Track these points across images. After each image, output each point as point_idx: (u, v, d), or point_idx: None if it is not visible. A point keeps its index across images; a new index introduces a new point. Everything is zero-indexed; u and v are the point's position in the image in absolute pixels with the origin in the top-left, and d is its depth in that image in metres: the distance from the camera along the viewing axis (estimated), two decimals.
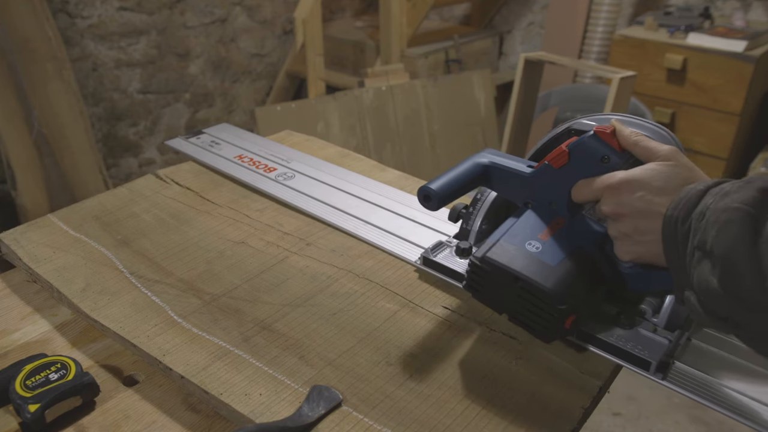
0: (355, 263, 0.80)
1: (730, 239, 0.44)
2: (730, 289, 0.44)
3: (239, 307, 0.72)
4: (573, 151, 0.63)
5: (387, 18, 2.74)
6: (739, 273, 0.43)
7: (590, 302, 0.63)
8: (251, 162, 1.04)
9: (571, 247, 0.63)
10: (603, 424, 1.80)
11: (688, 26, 2.54)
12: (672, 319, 0.64)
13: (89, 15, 2.47)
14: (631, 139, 0.59)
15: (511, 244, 0.63)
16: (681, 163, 0.56)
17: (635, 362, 0.62)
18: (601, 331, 0.64)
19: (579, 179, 0.63)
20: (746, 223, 0.43)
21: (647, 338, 0.63)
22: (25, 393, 0.59)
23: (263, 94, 3.18)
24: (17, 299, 0.76)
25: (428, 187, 0.66)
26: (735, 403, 0.57)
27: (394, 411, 0.59)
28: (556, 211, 0.66)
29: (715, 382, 0.59)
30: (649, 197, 0.55)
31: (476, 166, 0.70)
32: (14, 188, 2.16)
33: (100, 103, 2.61)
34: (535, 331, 0.62)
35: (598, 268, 0.63)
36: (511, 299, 0.62)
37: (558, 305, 0.59)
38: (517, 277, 0.61)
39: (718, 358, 0.63)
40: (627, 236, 0.58)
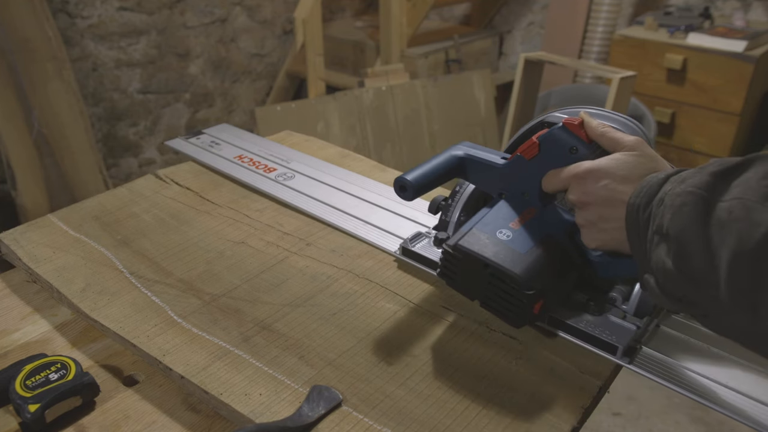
0: (355, 263, 0.80)
1: (683, 221, 0.46)
2: (682, 269, 0.46)
3: (239, 307, 0.72)
4: (543, 143, 0.65)
5: (387, 18, 2.74)
6: (690, 252, 0.45)
7: (559, 289, 0.65)
8: (251, 162, 1.04)
9: (541, 235, 0.65)
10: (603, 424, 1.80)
11: (688, 26, 2.54)
12: (641, 306, 0.66)
13: (89, 15, 2.47)
14: (598, 131, 0.61)
15: (483, 233, 0.65)
16: (645, 153, 0.58)
17: (603, 347, 0.64)
18: (570, 318, 0.66)
19: (549, 170, 0.64)
20: (698, 206, 0.45)
21: (616, 324, 0.65)
22: (25, 393, 0.59)
23: (263, 94, 3.18)
24: (17, 299, 0.76)
25: (404, 177, 0.68)
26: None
27: (394, 411, 0.59)
28: (528, 201, 0.68)
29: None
30: (613, 186, 0.56)
31: (452, 158, 0.72)
32: (14, 188, 2.16)
33: (100, 103, 2.61)
34: (506, 316, 0.64)
35: (567, 255, 0.65)
36: (482, 286, 0.64)
37: (526, 290, 0.61)
38: (487, 264, 0.62)
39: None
40: (592, 224, 0.59)
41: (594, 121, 0.62)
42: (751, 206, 0.42)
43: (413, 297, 0.74)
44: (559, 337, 0.67)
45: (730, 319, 0.45)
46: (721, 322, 0.47)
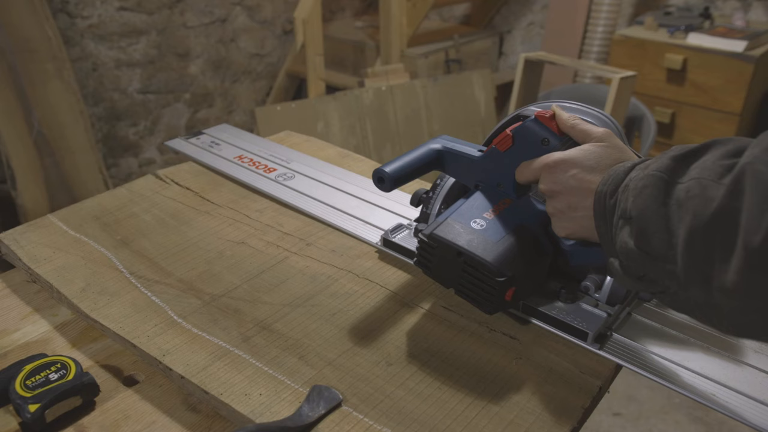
0: (355, 263, 0.80)
1: (644, 202, 0.48)
2: (643, 248, 0.48)
3: (239, 307, 0.72)
4: (516, 135, 0.66)
5: (387, 18, 2.74)
6: (650, 232, 0.47)
7: (531, 276, 0.67)
8: (251, 162, 1.04)
9: (514, 225, 0.66)
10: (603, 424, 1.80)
11: (688, 26, 2.54)
12: (613, 294, 0.68)
13: (89, 15, 2.47)
14: (569, 123, 0.63)
15: (458, 222, 0.67)
16: (613, 144, 0.60)
17: (574, 333, 0.66)
18: (543, 305, 0.69)
19: (522, 161, 0.66)
20: (659, 187, 0.47)
21: (587, 312, 0.67)
22: (25, 393, 0.59)
23: (263, 94, 3.18)
24: (17, 299, 0.76)
25: (382, 169, 0.70)
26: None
27: (394, 411, 0.59)
28: (503, 193, 0.70)
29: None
30: (581, 175, 0.58)
31: (430, 151, 0.74)
32: (14, 188, 2.16)
33: (100, 103, 2.61)
34: (479, 303, 0.65)
35: (539, 244, 0.67)
36: (456, 274, 0.65)
37: (497, 278, 0.62)
38: (461, 252, 0.64)
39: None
40: (562, 212, 0.61)
41: (565, 114, 0.64)
42: (706, 184, 0.43)
43: (413, 297, 0.74)
44: (559, 337, 0.67)
45: (686, 293, 0.47)
46: (678, 297, 0.49)
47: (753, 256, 0.40)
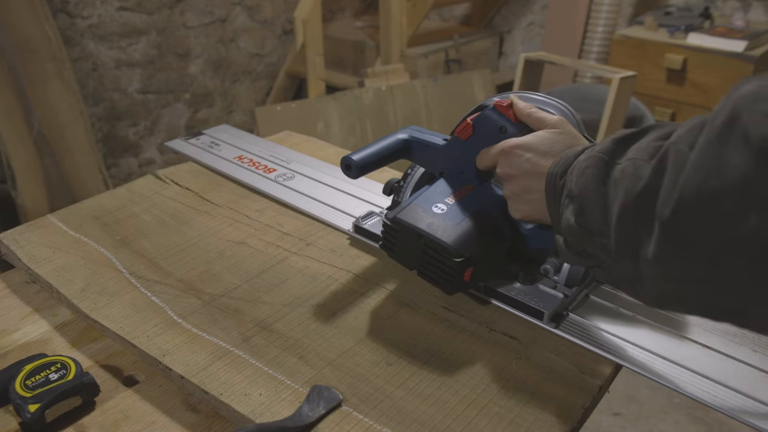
0: (355, 263, 0.80)
1: (585, 181, 0.51)
2: (582, 224, 0.51)
3: (239, 307, 0.72)
4: (476, 124, 0.70)
5: (387, 18, 2.74)
6: (589, 209, 0.50)
7: (489, 258, 0.69)
8: (251, 163, 1.04)
9: (474, 209, 0.69)
10: (603, 424, 1.80)
11: (688, 26, 2.54)
12: (571, 277, 0.70)
13: (89, 15, 2.47)
14: (525, 111, 0.66)
15: (420, 207, 0.70)
16: (566, 131, 0.62)
17: (531, 312, 0.69)
18: (502, 286, 0.71)
19: (482, 148, 0.69)
20: (599, 168, 0.49)
21: (545, 293, 0.70)
22: (25, 393, 0.59)
23: (263, 94, 3.18)
24: (17, 299, 0.76)
25: (350, 157, 0.73)
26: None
27: (394, 411, 0.59)
28: (466, 179, 0.73)
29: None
30: (535, 159, 0.61)
31: (396, 140, 0.77)
32: (14, 188, 2.16)
33: (100, 103, 2.61)
34: (439, 284, 0.68)
35: (498, 227, 0.70)
36: (418, 255, 0.68)
37: (455, 258, 0.65)
38: (421, 235, 0.67)
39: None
40: (517, 195, 0.64)
41: (521, 103, 0.67)
42: (639, 164, 0.46)
43: (413, 297, 0.74)
44: (559, 337, 0.67)
45: (617, 266, 0.49)
46: (611, 270, 0.51)
47: (665, 228, 0.42)
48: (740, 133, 0.36)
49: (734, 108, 0.37)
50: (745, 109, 0.36)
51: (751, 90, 0.37)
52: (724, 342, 0.66)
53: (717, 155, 0.38)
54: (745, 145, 0.36)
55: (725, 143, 0.37)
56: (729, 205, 0.37)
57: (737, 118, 0.37)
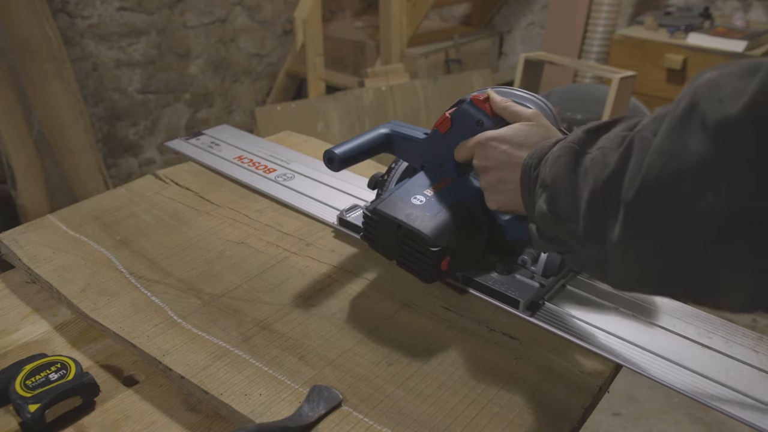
0: (355, 263, 0.80)
1: (557, 169, 0.52)
2: (553, 211, 0.53)
3: (239, 307, 0.72)
4: (454, 117, 0.71)
5: (387, 18, 2.74)
6: (560, 196, 0.51)
7: (467, 248, 0.71)
8: (251, 163, 1.04)
9: (451, 201, 0.71)
10: (603, 424, 1.80)
11: (688, 26, 2.54)
12: (548, 267, 0.72)
13: (89, 15, 2.47)
14: (501, 105, 0.68)
15: (399, 199, 0.72)
16: (541, 124, 0.64)
17: (507, 301, 0.71)
18: (480, 276, 0.73)
19: (460, 141, 0.71)
20: (570, 156, 0.51)
21: (522, 282, 0.72)
22: (25, 393, 0.59)
23: (263, 94, 3.18)
24: (17, 299, 0.76)
25: (332, 150, 0.76)
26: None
27: (394, 411, 0.59)
28: (445, 172, 0.74)
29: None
30: (510, 151, 0.63)
31: (378, 134, 0.79)
32: (14, 188, 2.16)
33: (100, 103, 2.61)
34: (418, 273, 0.70)
35: (475, 219, 0.71)
36: (397, 245, 0.70)
37: (432, 248, 0.66)
38: (400, 225, 0.69)
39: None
40: (493, 186, 0.65)
41: (498, 97, 0.69)
42: (607, 152, 0.47)
43: (413, 297, 0.74)
44: (559, 337, 0.67)
45: (586, 251, 0.51)
46: (580, 255, 0.53)
47: (629, 210, 0.44)
48: (698, 119, 0.38)
49: (693, 96, 0.39)
50: (703, 96, 0.38)
51: (709, 78, 0.39)
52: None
53: (678, 140, 0.39)
54: (703, 130, 0.37)
55: (685, 128, 0.39)
56: (688, 185, 0.39)
57: (696, 105, 0.38)
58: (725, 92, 0.37)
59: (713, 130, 0.37)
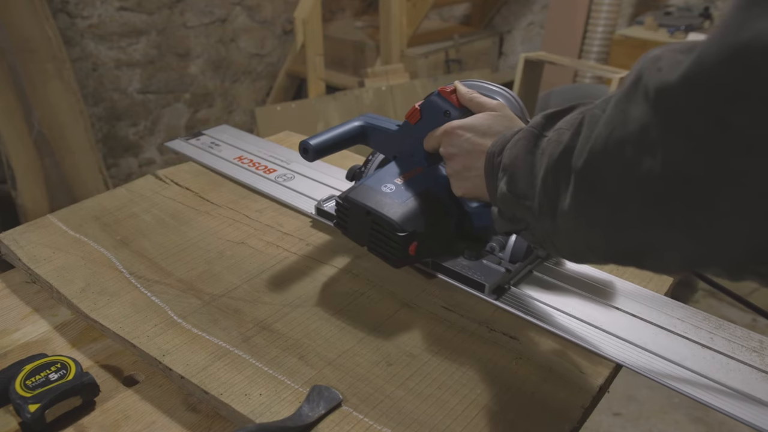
0: (355, 263, 0.80)
1: (516, 151, 0.55)
2: (512, 190, 0.55)
3: (239, 307, 0.72)
4: (423, 109, 0.74)
5: (387, 18, 2.74)
6: (518, 176, 0.54)
7: (435, 234, 0.73)
8: (251, 163, 1.04)
9: (420, 189, 0.73)
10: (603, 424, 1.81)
11: (688, 26, 2.54)
12: (515, 253, 0.75)
13: (89, 15, 2.47)
14: (467, 96, 0.71)
15: (370, 187, 0.74)
16: (505, 114, 0.67)
17: (473, 285, 0.74)
18: (448, 261, 0.76)
19: (429, 132, 0.73)
20: (529, 139, 0.54)
21: (489, 267, 0.75)
22: (25, 393, 0.59)
23: (263, 94, 3.18)
24: (17, 299, 0.76)
25: (307, 141, 0.79)
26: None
27: (394, 411, 0.59)
28: (416, 162, 0.77)
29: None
30: (474, 139, 0.65)
31: (353, 126, 0.82)
32: (14, 188, 2.16)
33: (100, 103, 2.61)
34: (387, 258, 0.72)
35: (443, 205, 0.74)
36: (367, 231, 0.73)
37: (399, 233, 0.69)
38: (369, 212, 0.71)
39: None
40: (458, 173, 0.68)
41: (464, 89, 0.72)
42: (562, 132, 0.50)
43: (413, 297, 0.74)
44: (559, 338, 0.67)
45: (540, 225, 0.53)
46: (535, 231, 0.55)
47: (578, 178, 0.46)
48: (642, 89, 0.40)
49: (639, 70, 0.41)
50: (647, 68, 0.40)
51: (653, 54, 0.42)
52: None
53: (623, 110, 0.42)
54: (645, 99, 0.40)
55: (630, 99, 0.41)
56: (629, 151, 0.41)
57: (640, 78, 0.41)
58: (664, 63, 0.39)
59: (653, 97, 0.39)
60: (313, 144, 0.78)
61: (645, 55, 0.43)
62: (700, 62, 0.36)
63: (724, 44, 0.34)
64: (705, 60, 0.35)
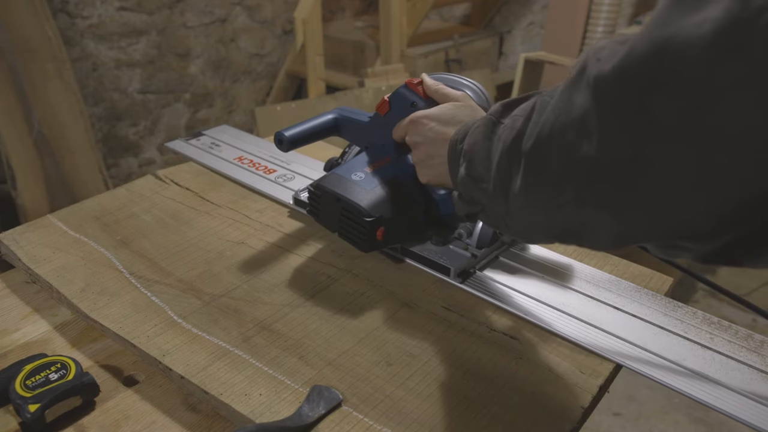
0: (355, 263, 0.80)
1: (475, 137, 0.58)
2: (470, 173, 0.58)
3: (239, 307, 0.72)
4: (392, 100, 0.77)
5: (387, 18, 2.74)
6: (476, 160, 0.57)
7: (402, 220, 0.76)
8: (251, 164, 1.04)
9: (389, 177, 0.77)
10: (603, 424, 1.81)
11: None
12: (481, 239, 0.77)
13: (89, 15, 2.47)
14: (433, 88, 0.74)
15: (340, 175, 0.77)
16: (468, 104, 0.70)
17: (440, 269, 0.76)
18: (416, 247, 0.79)
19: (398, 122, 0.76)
20: (487, 126, 0.56)
21: (455, 253, 0.78)
22: (25, 393, 0.59)
23: (263, 94, 3.18)
24: (17, 299, 0.76)
25: (282, 132, 0.82)
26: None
27: (394, 411, 0.59)
28: (386, 152, 0.80)
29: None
30: (438, 128, 0.68)
31: (326, 118, 0.85)
32: (14, 188, 2.16)
33: (100, 103, 2.61)
34: (356, 243, 0.76)
35: (410, 193, 0.77)
36: (337, 218, 0.76)
37: (366, 218, 0.72)
38: (338, 198, 0.75)
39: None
40: (423, 161, 0.70)
41: (430, 81, 0.75)
42: (516, 119, 0.52)
43: (413, 297, 0.74)
44: (559, 339, 0.67)
45: (495, 207, 0.56)
46: (490, 212, 0.58)
47: (527, 159, 0.49)
48: (585, 78, 0.42)
49: (584, 60, 0.43)
50: (590, 58, 0.43)
51: (599, 44, 0.44)
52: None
53: (568, 98, 0.44)
54: (587, 87, 0.42)
55: (575, 88, 0.44)
56: (571, 136, 0.44)
57: (585, 67, 0.43)
58: (604, 53, 0.41)
59: (592, 85, 0.41)
60: (288, 135, 0.81)
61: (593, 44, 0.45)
62: (630, 54, 0.38)
63: (650, 38, 0.37)
64: (634, 52, 0.38)
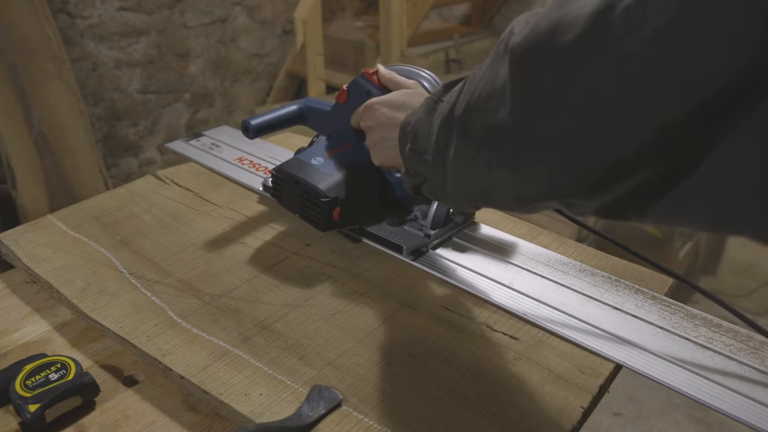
0: (355, 263, 0.80)
1: (418, 116, 0.61)
2: (414, 148, 0.61)
3: (239, 307, 0.72)
4: (349, 89, 0.82)
5: (387, 18, 2.74)
6: (419, 135, 0.61)
7: (358, 201, 0.81)
8: (251, 164, 1.04)
9: (347, 162, 0.81)
10: (603, 424, 1.81)
11: None
12: (435, 221, 0.82)
13: (89, 15, 2.47)
14: (387, 77, 0.79)
15: (300, 160, 0.82)
16: (419, 92, 0.74)
17: (393, 248, 0.81)
18: (373, 227, 0.83)
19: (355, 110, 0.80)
20: (429, 105, 0.60)
21: (410, 233, 0.82)
22: (25, 393, 0.59)
23: (263, 94, 3.18)
24: (17, 299, 0.76)
25: (248, 120, 0.86)
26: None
27: (394, 411, 0.59)
28: (347, 138, 0.84)
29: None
30: (389, 113, 0.72)
31: (291, 108, 0.90)
32: (14, 188, 2.16)
33: (100, 103, 2.61)
34: (315, 223, 0.80)
35: (366, 176, 0.82)
36: (297, 200, 0.81)
37: (323, 198, 0.77)
38: (297, 181, 0.79)
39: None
40: (376, 144, 0.74)
41: (384, 70, 0.80)
42: (452, 94, 0.56)
43: (413, 297, 0.74)
44: (559, 339, 0.67)
45: (434, 176, 0.60)
46: (431, 183, 0.61)
47: (458, 126, 0.53)
48: (507, 50, 0.46)
49: (507, 32, 0.47)
50: (510, 30, 0.46)
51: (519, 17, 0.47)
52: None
53: (494, 69, 0.48)
54: (504, 57, 0.46)
55: (500, 60, 0.47)
56: (493, 103, 0.47)
57: (506, 39, 0.46)
58: (518, 27, 0.45)
59: (510, 56, 0.45)
60: (254, 123, 0.85)
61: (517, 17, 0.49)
62: (533, 29, 0.42)
63: (549, 16, 0.41)
64: (536, 28, 0.42)
